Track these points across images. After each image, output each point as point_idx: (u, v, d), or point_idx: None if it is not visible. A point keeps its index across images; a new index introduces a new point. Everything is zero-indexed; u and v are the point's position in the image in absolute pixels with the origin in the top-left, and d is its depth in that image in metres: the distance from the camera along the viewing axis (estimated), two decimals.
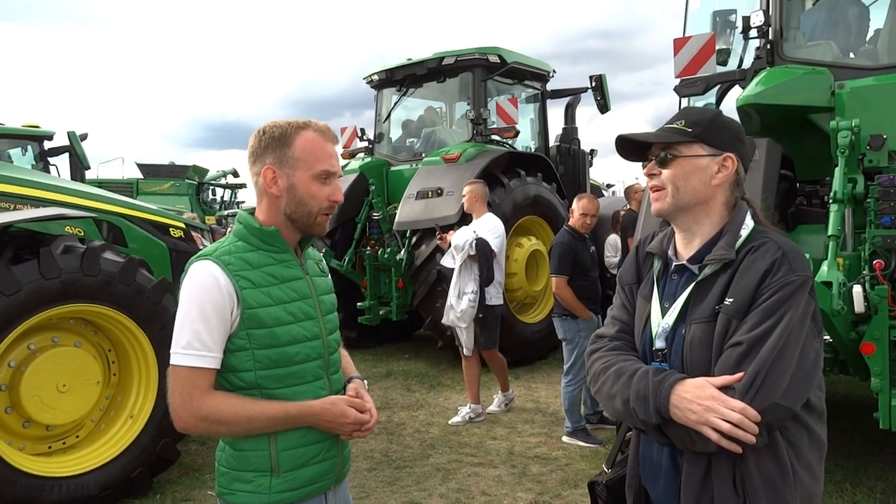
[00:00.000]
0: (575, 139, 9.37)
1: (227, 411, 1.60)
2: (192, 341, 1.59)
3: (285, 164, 1.69)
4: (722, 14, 4.91)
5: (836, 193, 3.60)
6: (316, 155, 1.69)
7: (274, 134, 1.70)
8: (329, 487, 1.77)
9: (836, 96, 4.09)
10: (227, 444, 1.72)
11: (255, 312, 1.63)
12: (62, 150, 10.29)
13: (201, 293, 1.60)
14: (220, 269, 1.63)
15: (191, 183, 18.40)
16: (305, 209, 1.70)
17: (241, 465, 1.68)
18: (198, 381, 1.59)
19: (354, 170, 8.43)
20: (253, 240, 1.71)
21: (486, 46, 8.15)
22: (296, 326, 1.69)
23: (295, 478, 1.68)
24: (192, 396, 1.59)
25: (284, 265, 1.73)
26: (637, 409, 1.48)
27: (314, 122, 1.73)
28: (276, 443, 1.66)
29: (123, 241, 4.67)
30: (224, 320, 1.61)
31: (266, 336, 1.64)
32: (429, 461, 4.70)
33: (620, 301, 1.77)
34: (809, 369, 1.43)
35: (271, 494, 1.65)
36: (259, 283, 1.65)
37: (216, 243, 1.74)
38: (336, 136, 1.78)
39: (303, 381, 1.69)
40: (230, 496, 1.69)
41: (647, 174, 1.64)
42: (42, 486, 3.60)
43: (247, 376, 1.65)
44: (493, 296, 5.53)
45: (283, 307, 1.67)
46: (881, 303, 3.31)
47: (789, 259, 1.47)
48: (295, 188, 1.69)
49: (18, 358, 3.70)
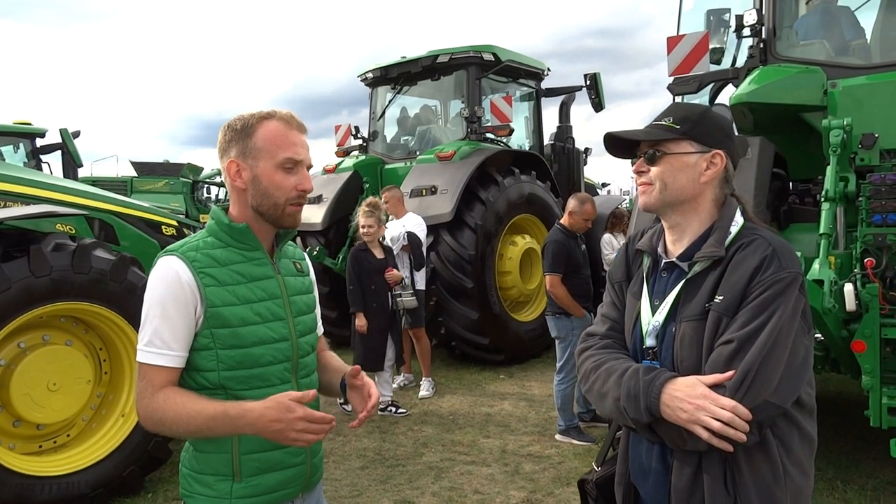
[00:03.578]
0: (569, 137, 9.38)
1: (169, 409, 1.53)
2: (153, 339, 1.55)
3: (248, 156, 1.63)
4: (715, 13, 4.92)
5: (828, 192, 3.61)
6: (278, 143, 1.63)
7: (237, 126, 1.65)
8: (296, 495, 1.70)
9: (828, 95, 4.10)
10: (190, 444, 1.67)
11: (218, 311, 1.57)
12: (54, 148, 10.25)
13: (162, 289, 1.56)
14: (184, 264, 1.58)
15: (185, 181, 18.32)
16: (271, 200, 1.64)
17: (202, 468, 1.62)
18: (153, 379, 1.55)
19: (349, 168, 8.41)
20: (223, 236, 1.66)
21: (481, 44, 8.14)
22: (262, 327, 1.62)
23: (257, 484, 1.61)
24: (145, 393, 1.55)
25: (254, 263, 1.67)
26: (628, 407, 1.48)
27: (279, 111, 1.67)
28: (238, 445, 1.59)
29: (115, 238, 4.64)
30: (187, 317, 1.56)
31: (230, 336, 1.58)
32: (421, 459, 4.70)
33: (610, 299, 1.76)
34: (799, 366, 1.43)
35: (232, 500, 1.59)
36: (224, 281, 1.60)
37: (185, 238, 1.70)
38: (302, 125, 1.70)
39: (268, 385, 1.62)
40: (190, 499, 1.64)
41: (635, 171, 1.64)
42: (33, 486, 3.58)
43: (211, 376, 1.59)
44: (418, 281, 6.46)
45: (249, 307, 1.62)
46: (872, 301, 3.31)
47: (779, 256, 1.46)
48: (259, 179, 1.63)
49: (8, 356, 3.67)
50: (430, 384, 6.51)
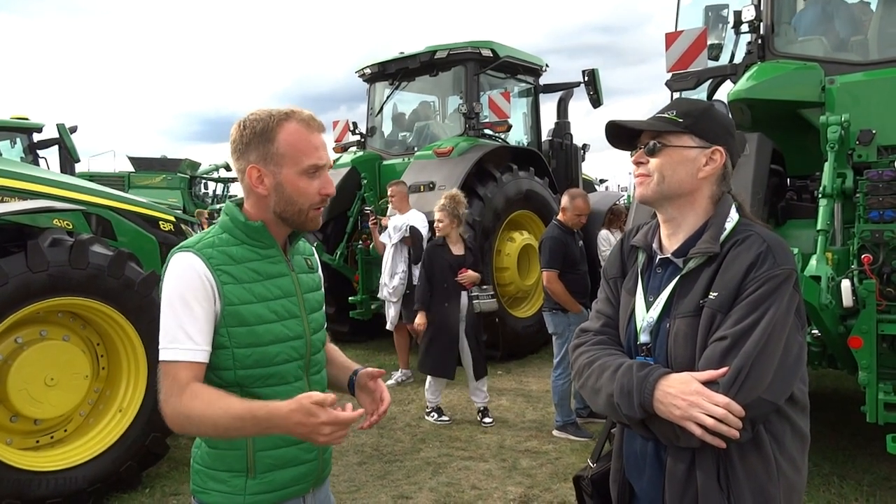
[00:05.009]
0: (567, 134, 9.37)
1: (196, 407, 1.49)
2: (177, 334, 1.52)
3: (270, 162, 1.59)
4: (714, 9, 4.92)
5: (826, 188, 3.61)
6: (302, 149, 1.60)
7: (255, 128, 1.60)
8: (307, 490, 1.71)
9: (826, 91, 4.11)
10: (203, 440, 1.66)
11: (236, 309, 1.56)
12: (51, 143, 10.21)
13: (184, 285, 1.54)
14: (202, 261, 1.56)
15: (183, 176, 18.31)
16: (296, 207, 1.62)
17: (216, 465, 1.62)
18: (179, 376, 1.51)
19: (346, 164, 8.41)
20: (238, 233, 1.64)
21: (479, 40, 8.13)
22: (278, 325, 1.62)
23: (272, 480, 1.62)
24: (171, 392, 1.51)
25: (269, 261, 1.65)
26: (621, 403, 1.48)
27: (297, 110, 1.63)
28: (252, 442, 1.59)
29: (113, 234, 4.63)
30: (209, 312, 1.55)
31: (247, 334, 1.57)
32: (419, 455, 4.70)
33: (605, 295, 1.75)
34: (793, 363, 1.43)
35: (246, 496, 1.60)
36: (241, 279, 1.59)
37: (199, 234, 1.67)
38: (322, 125, 1.68)
39: (283, 382, 1.62)
40: (204, 495, 1.63)
41: (634, 162, 1.63)
42: (30, 481, 3.58)
43: (226, 375, 1.58)
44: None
45: (265, 304, 1.60)
46: (869, 297, 3.32)
47: (774, 252, 1.46)
48: (283, 186, 1.60)
49: (6, 351, 3.67)
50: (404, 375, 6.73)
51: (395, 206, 6.72)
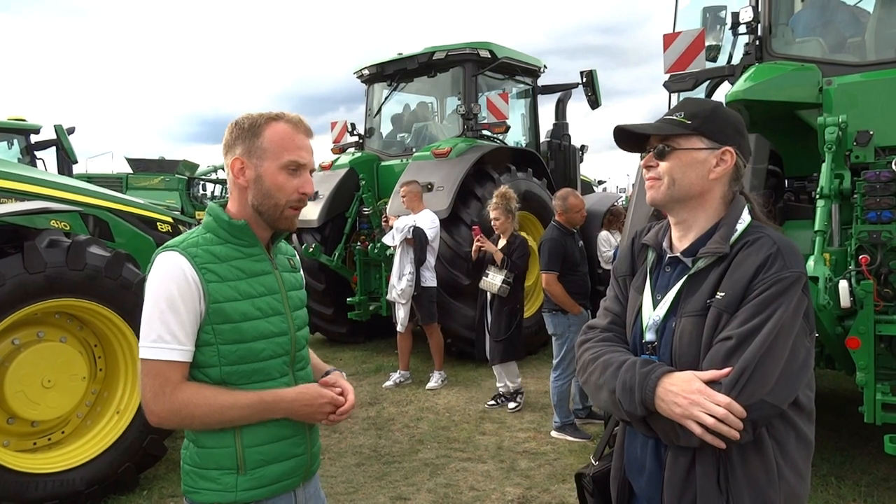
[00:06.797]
0: (566, 135, 9.37)
1: (201, 403, 1.56)
2: (163, 334, 1.55)
3: (253, 155, 1.66)
4: (712, 10, 4.92)
5: (823, 189, 3.61)
6: (284, 145, 1.66)
7: (244, 125, 1.67)
8: (298, 484, 1.74)
9: (823, 92, 4.11)
10: (191, 441, 1.69)
11: (220, 307, 1.60)
12: (49, 144, 10.19)
13: (170, 285, 1.57)
14: (187, 260, 1.59)
15: (181, 178, 18.28)
16: (272, 201, 1.66)
17: (205, 463, 1.64)
18: (170, 375, 1.56)
19: (345, 165, 8.40)
20: (221, 232, 1.68)
21: (477, 41, 8.13)
22: (263, 322, 1.65)
23: (262, 475, 1.64)
24: (163, 390, 1.55)
25: (253, 259, 1.69)
26: (623, 400, 1.48)
27: (288, 114, 1.70)
28: (241, 439, 1.62)
29: (110, 235, 4.63)
30: (194, 312, 1.58)
31: (232, 331, 1.61)
32: (417, 456, 4.70)
33: (614, 293, 1.75)
34: (799, 368, 1.42)
35: (238, 492, 1.62)
36: (226, 277, 1.62)
37: (183, 234, 1.71)
38: (310, 129, 1.74)
39: (268, 378, 1.66)
40: (195, 495, 1.65)
41: (644, 166, 1.62)
42: (27, 483, 3.57)
43: (212, 372, 1.61)
44: (427, 278, 6.49)
45: (250, 302, 1.64)
46: (867, 298, 3.32)
47: (784, 255, 1.45)
48: (262, 179, 1.65)
49: (2, 353, 3.66)
50: (441, 377, 6.60)
51: (408, 205, 6.62)
